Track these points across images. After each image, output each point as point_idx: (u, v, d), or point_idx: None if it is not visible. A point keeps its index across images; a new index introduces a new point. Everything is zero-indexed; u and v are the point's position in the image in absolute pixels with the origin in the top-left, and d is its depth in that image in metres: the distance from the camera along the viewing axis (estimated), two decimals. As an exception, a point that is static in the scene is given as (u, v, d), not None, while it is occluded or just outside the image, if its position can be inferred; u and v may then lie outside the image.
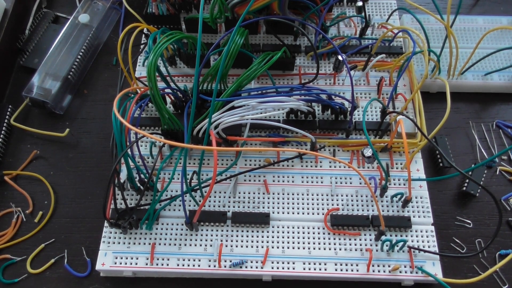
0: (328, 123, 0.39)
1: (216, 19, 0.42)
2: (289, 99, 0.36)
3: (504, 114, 0.42)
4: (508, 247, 0.36)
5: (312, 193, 0.37)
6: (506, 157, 0.40)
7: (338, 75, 0.43)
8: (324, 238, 0.35)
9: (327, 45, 0.43)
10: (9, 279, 0.35)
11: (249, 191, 0.37)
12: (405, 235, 0.35)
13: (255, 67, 0.37)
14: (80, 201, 0.39)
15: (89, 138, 0.42)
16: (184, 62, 0.44)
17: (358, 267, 0.33)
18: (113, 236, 0.35)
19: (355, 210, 0.36)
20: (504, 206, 0.38)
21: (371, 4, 0.48)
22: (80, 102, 0.44)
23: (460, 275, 0.34)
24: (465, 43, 0.45)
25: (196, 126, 0.36)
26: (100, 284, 0.35)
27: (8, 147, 0.42)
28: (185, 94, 0.39)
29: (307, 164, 0.38)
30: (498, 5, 0.50)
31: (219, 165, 0.38)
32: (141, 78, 0.41)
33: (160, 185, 0.37)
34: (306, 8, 0.43)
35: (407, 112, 0.40)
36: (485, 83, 0.43)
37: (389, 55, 0.44)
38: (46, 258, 0.36)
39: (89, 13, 0.46)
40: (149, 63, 0.32)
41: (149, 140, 0.39)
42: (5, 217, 0.38)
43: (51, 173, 0.40)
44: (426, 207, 0.36)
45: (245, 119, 0.34)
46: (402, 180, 0.37)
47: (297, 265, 0.34)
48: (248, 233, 0.35)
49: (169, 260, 0.34)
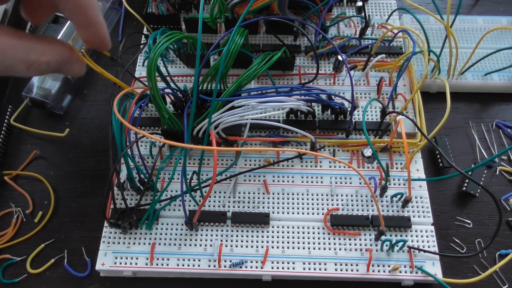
0: (328, 123, 0.39)
1: (216, 19, 0.42)
2: (289, 99, 0.36)
3: (504, 114, 0.42)
4: (508, 247, 0.36)
5: (312, 193, 0.37)
6: (506, 157, 0.40)
7: (338, 75, 0.43)
8: (324, 238, 0.35)
9: (327, 45, 0.43)
10: (9, 279, 0.35)
11: (249, 191, 0.37)
12: (405, 235, 0.35)
13: (255, 67, 0.37)
14: (80, 201, 0.39)
15: (89, 138, 0.42)
16: (184, 62, 0.44)
17: (358, 267, 0.33)
18: (113, 236, 0.35)
19: (355, 210, 0.36)
20: (504, 206, 0.38)
21: (371, 4, 0.48)
22: (80, 102, 0.44)
23: (460, 275, 0.35)
24: (465, 43, 0.45)
25: (196, 126, 0.36)
26: (100, 284, 0.35)
27: (8, 147, 0.42)
28: (185, 94, 0.39)
29: (307, 164, 0.38)
30: (498, 5, 0.50)
31: (219, 165, 0.38)
32: (141, 78, 0.41)
33: (160, 185, 0.37)
34: (306, 8, 0.43)
35: (407, 112, 0.40)
36: (485, 83, 0.43)
37: (389, 55, 0.44)
38: (46, 258, 0.36)
39: (89, 13, 0.46)
40: (149, 63, 0.32)
41: (149, 140, 0.39)
42: (5, 217, 0.38)
43: (51, 173, 0.40)
44: (426, 207, 0.36)
45: (245, 119, 0.34)
46: (402, 180, 0.37)
47: (297, 265, 0.34)
48: (248, 233, 0.35)
49: (169, 260, 0.34)
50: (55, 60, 0.29)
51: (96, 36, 0.30)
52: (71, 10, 0.29)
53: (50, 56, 0.29)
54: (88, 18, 0.29)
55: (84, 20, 0.29)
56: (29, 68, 0.28)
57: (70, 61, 0.30)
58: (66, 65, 0.30)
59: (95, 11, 0.29)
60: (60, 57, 0.29)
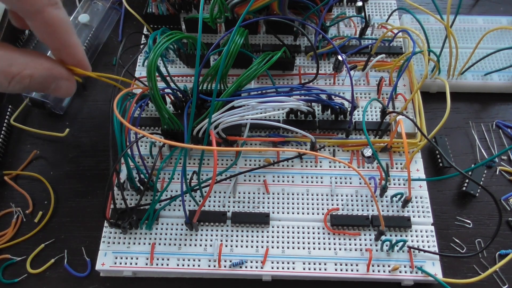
0: (328, 123, 0.39)
1: (216, 19, 0.42)
2: (289, 99, 0.36)
3: (504, 114, 0.42)
4: (508, 247, 0.36)
5: (312, 193, 0.37)
6: (506, 157, 0.40)
7: (338, 75, 0.43)
8: (324, 238, 0.35)
9: (327, 45, 0.43)
10: (9, 279, 0.35)
11: (249, 191, 0.37)
12: (405, 235, 0.35)
13: (255, 67, 0.37)
14: (80, 201, 0.39)
15: (89, 138, 0.42)
16: (184, 62, 0.44)
17: (358, 267, 0.33)
18: (113, 236, 0.35)
19: (355, 210, 0.36)
20: (504, 206, 0.38)
21: (371, 4, 0.48)
22: (80, 102, 0.44)
23: (460, 275, 0.34)
24: (465, 43, 0.45)
25: (196, 126, 0.36)
26: (100, 284, 0.35)
27: (8, 147, 0.42)
28: (185, 94, 0.39)
29: (307, 164, 0.38)
30: (498, 5, 0.50)
31: (219, 165, 0.38)
32: (141, 78, 0.41)
33: (160, 185, 0.37)
34: (306, 8, 0.43)
35: (407, 112, 0.40)
36: (485, 83, 0.43)
37: (389, 55, 0.44)
38: (46, 258, 0.36)
39: (89, 13, 0.46)
40: (149, 63, 0.32)
41: (149, 140, 0.39)
42: (5, 217, 0.38)
43: (51, 173, 0.40)
44: (426, 207, 0.36)
45: (245, 119, 0.34)
46: (402, 180, 0.37)
47: (297, 265, 0.34)
48: (248, 233, 0.35)
49: (169, 260, 0.34)
50: (39, 74, 0.27)
51: (72, 59, 0.29)
52: (40, 30, 0.27)
53: (34, 70, 0.26)
54: (60, 39, 0.27)
55: (56, 42, 0.27)
56: (10, 82, 0.26)
57: (57, 78, 0.28)
58: (53, 81, 0.28)
59: (68, 30, 0.27)
60: (46, 72, 0.27)
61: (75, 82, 0.29)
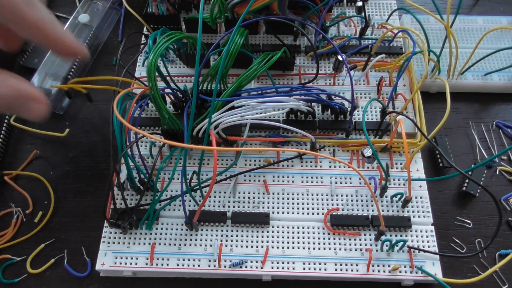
0: (328, 123, 0.39)
1: (216, 19, 0.42)
2: (289, 99, 0.36)
3: (504, 114, 0.42)
4: (508, 247, 0.36)
5: (312, 193, 0.37)
6: (506, 157, 0.40)
7: (338, 75, 0.43)
8: (324, 238, 0.35)
9: (327, 45, 0.43)
10: (9, 279, 0.35)
11: (249, 191, 0.37)
12: (405, 235, 0.35)
13: (255, 67, 0.37)
14: (80, 201, 0.39)
15: (89, 138, 0.42)
16: (184, 62, 0.44)
17: (358, 267, 0.33)
18: (113, 236, 0.35)
19: (355, 210, 0.36)
20: (504, 206, 0.38)
21: (371, 4, 0.48)
22: (80, 102, 0.44)
23: (460, 275, 0.34)
24: (465, 43, 0.45)
25: (196, 126, 0.36)
26: (100, 284, 0.35)
27: (8, 147, 0.42)
28: (185, 94, 0.39)
29: (307, 164, 0.38)
30: (498, 5, 0.50)
31: (219, 165, 0.38)
32: (141, 78, 0.41)
33: (160, 185, 0.37)
34: (306, 8, 0.43)
35: (407, 112, 0.40)
36: (485, 83, 0.43)
37: (389, 55, 0.44)
38: (46, 258, 0.36)
39: (89, 13, 0.46)
40: (149, 63, 0.32)
41: (149, 140, 0.39)
42: (5, 217, 0.38)
43: (51, 173, 0.40)
44: (426, 207, 0.36)
45: (245, 119, 0.34)
46: (402, 180, 0.37)
47: (297, 265, 0.34)
48: (248, 233, 0.35)
49: (169, 260, 0.34)
50: (6, 93, 0.26)
51: (66, 48, 0.28)
52: (24, 30, 0.27)
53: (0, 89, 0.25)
54: (47, 34, 0.27)
55: (43, 37, 0.27)
56: None
57: (26, 99, 0.27)
58: (21, 103, 0.27)
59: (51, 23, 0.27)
60: (14, 92, 0.26)
61: (47, 104, 0.28)
